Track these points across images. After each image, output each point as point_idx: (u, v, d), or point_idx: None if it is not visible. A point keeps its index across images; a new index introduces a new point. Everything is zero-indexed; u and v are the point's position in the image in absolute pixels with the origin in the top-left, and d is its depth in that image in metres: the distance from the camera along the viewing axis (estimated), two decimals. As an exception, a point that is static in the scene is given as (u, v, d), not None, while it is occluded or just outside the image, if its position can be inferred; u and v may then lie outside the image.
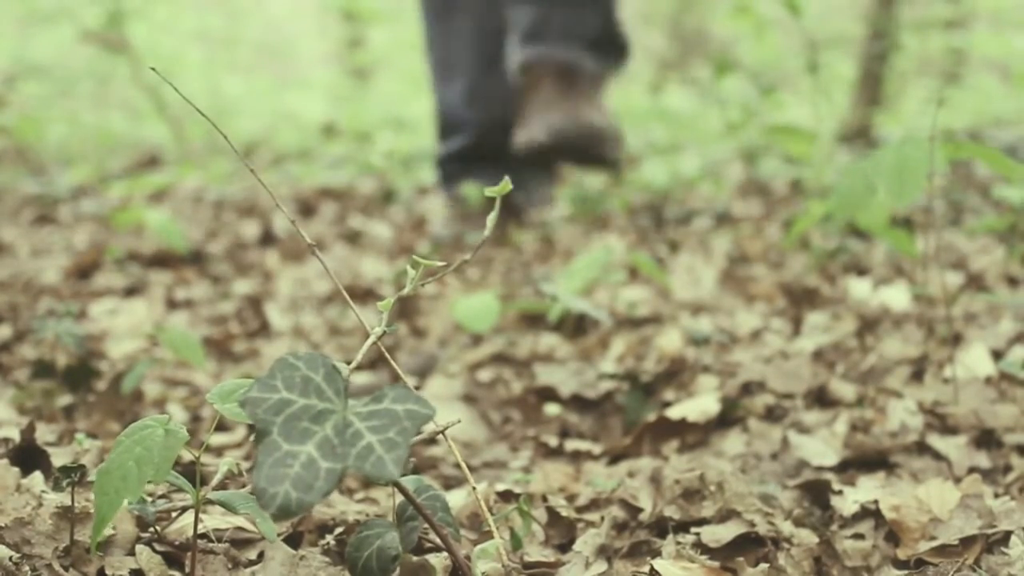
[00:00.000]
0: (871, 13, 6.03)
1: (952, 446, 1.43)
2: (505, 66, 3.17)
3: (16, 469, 1.13)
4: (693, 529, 1.18)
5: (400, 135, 6.50)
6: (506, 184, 1.00)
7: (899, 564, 1.17)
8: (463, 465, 0.96)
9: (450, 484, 1.42)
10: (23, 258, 3.00)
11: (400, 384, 0.79)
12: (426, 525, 0.89)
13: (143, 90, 6.37)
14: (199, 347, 1.74)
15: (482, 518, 1.21)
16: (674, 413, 1.57)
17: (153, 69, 1.04)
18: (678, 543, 1.14)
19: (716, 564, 1.10)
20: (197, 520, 0.93)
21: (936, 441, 1.44)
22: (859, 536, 1.23)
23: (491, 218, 1.00)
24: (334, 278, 0.99)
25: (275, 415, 0.74)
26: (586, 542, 1.17)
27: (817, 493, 1.32)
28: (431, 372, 1.89)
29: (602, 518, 1.22)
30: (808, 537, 1.19)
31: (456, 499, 1.29)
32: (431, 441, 1.50)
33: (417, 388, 1.74)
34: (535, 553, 1.16)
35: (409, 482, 0.92)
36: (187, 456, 1.20)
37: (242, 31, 10.26)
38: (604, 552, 1.17)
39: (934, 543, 1.17)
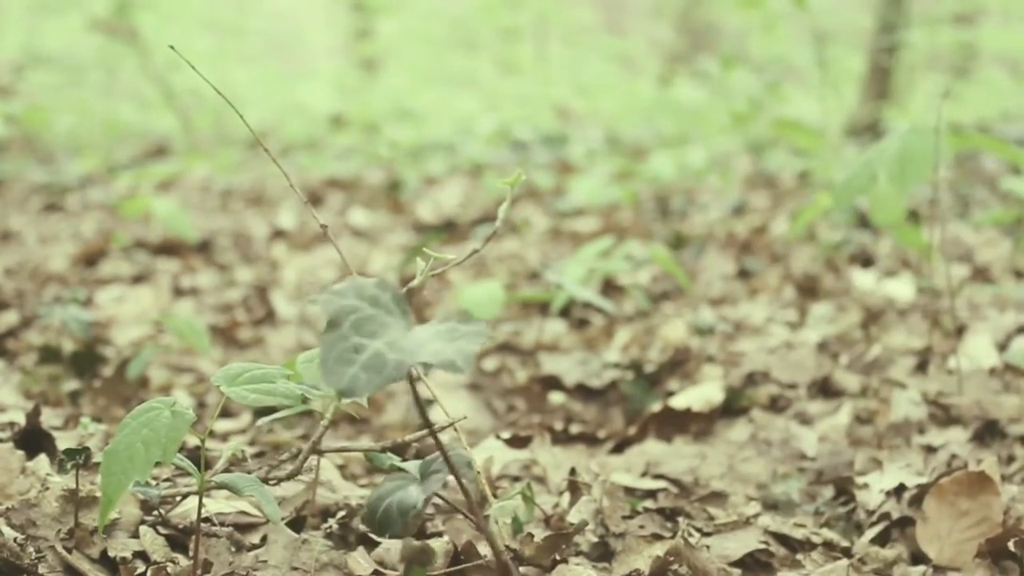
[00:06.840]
0: (880, 6, 6.01)
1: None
2: None
3: (21, 452, 1.13)
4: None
5: (407, 126, 6.48)
6: (518, 176, 0.99)
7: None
8: (464, 444, 0.96)
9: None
10: (31, 245, 3.00)
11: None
12: (438, 494, 0.91)
13: (151, 80, 6.37)
14: (205, 334, 1.75)
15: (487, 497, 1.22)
16: (678, 402, 1.57)
17: (171, 47, 1.05)
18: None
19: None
20: (201, 503, 0.93)
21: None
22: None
23: (503, 208, 1.00)
24: (345, 259, 0.99)
25: (347, 314, 0.78)
26: (580, 510, 1.17)
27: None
28: (436, 360, 1.90)
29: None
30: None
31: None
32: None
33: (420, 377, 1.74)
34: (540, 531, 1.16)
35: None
36: (192, 441, 1.20)
37: (250, 22, 10.25)
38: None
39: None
